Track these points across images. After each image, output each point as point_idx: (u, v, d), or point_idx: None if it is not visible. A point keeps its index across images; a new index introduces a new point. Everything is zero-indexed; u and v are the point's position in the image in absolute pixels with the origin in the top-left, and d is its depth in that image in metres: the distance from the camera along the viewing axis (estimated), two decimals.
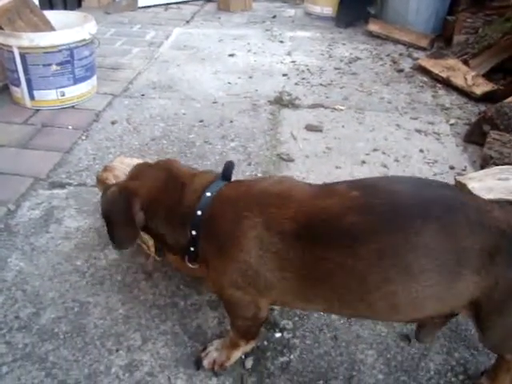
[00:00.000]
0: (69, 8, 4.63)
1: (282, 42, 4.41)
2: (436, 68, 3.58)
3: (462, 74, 3.40)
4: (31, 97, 2.85)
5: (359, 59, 4.00)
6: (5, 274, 1.73)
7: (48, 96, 2.87)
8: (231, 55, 3.98)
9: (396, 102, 3.23)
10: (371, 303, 1.12)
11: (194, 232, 1.23)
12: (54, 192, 2.18)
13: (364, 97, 3.29)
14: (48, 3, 4.38)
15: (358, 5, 4.86)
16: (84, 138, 2.64)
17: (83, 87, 2.99)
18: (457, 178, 2.01)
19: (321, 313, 1.60)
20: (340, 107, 3.10)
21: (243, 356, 1.45)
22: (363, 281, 1.09)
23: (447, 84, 3.46)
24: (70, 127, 2.73)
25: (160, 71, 3.59)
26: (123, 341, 1.50)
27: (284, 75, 3.59)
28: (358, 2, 4.86)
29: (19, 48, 2.69)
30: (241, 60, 3.89)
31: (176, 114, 2.94)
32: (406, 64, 3.92)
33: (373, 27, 4.56)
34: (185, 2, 5.63)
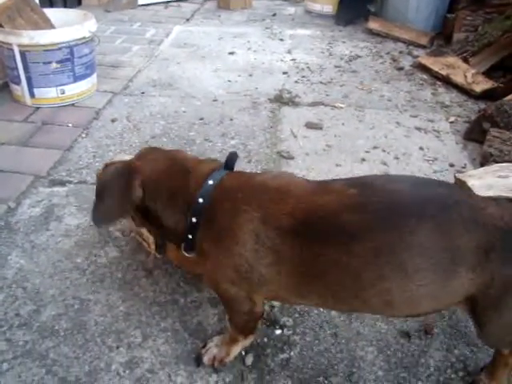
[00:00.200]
0: (69, 6, 4.63)
1: (282, 40, 4.40)
2: (436, 66, 3.58)
3: (462, 72, 3.40)
4: (31, 95, 2.86)
5: (359, 57, 4.00)
6: (5, 271, 1.73)
7: (48, 94, 2.87)
8: (231, 53, 3.98)
9: (396, 99, 3.23)
10: (366, 300, 1.13)
11: (194, 219, 1.22)
12: (55, 190, 2.18)
13: (364, 95, 3.28)
14: (48, 1, 4.38)
15: (357, 3, 4.86)
16: (84, 135, 2.64)
17: (83, 85, 2.99)
18: (457, 175, 2.01)
19: (321, 309, 1.60)
20: (340, 105, 3.10)
21: (243, 353, 1.45)
22: (358, 278, 1.09)
23: (447, 82, 3.45)
24: (70, 125, 2.73)
25: (160, 69, 3.59)
26: (123, 338, 1.50)
27: (284, 73, 3.59)
28: (358, 0, 4.87)
29: (19, 46, 2.69)
30: (241, 58, 3.89)
31: (176, 111, 2.94)
32: (406, 62, 3.92)
33: (373, 25, 4.56)
34: (185, 0, 5.63)
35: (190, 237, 1.24)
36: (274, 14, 5.26)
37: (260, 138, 2.67)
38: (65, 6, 4.63)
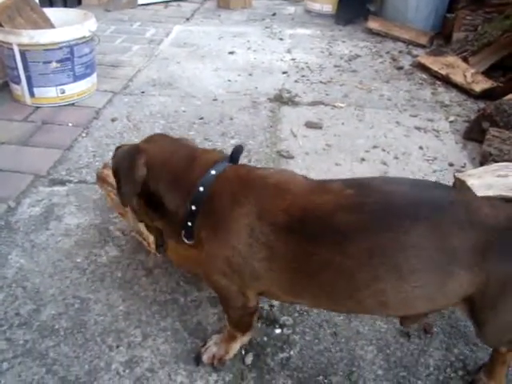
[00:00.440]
0: (69, 5, 4.62)
1: (281, 39, 4.40)
2: (435, 65, 3.58)
3: (462, 72, 3.41)
4: (31, 94, 2.86)
5: (359, 56, 4.00)
6: (5, 270, 1.73)
7: (48, 93, 2.87)
8: (231, 53, 3.98)
9: (395, 99, 3.23)
10: (360, 301, 1.13)
11: (193, 207, 1.23)
12: (55, 189, 2.18)
13: (364, 94, 3.29)
14: (48, 1, 4.37)
15: (357, 2, 4.86)
16: (84, 135, 2.64)
17: (83, 84, 2.99)
18: (456, 174, 2.02)
19: (321, 309, 1.61)
20: (340, 104, 3.10)
21: (243, 352, 1.46)
22: (352, 278, 1.09)
23: (447, 81, 3.46)
24: (70, 124, 2.73)
25: (160, 68, 3.59)
26: (123, 337, 1.50)
27: (284, 73, 3.59)
28: (358, 0, 4.86)
29: (19, 45, 2.69)
30: (241, 57, 3.89)
31: (176, 111, 2.95)
32: (406, 61, 3.92)
33: (372, 25, 4.56)
34: (185, 0, 5.63)
35: (190, 224, 1.25)
36: (274, 14, 5.27)
37: (260, 138, 2.67)
38: (65, 5, 4.63)
